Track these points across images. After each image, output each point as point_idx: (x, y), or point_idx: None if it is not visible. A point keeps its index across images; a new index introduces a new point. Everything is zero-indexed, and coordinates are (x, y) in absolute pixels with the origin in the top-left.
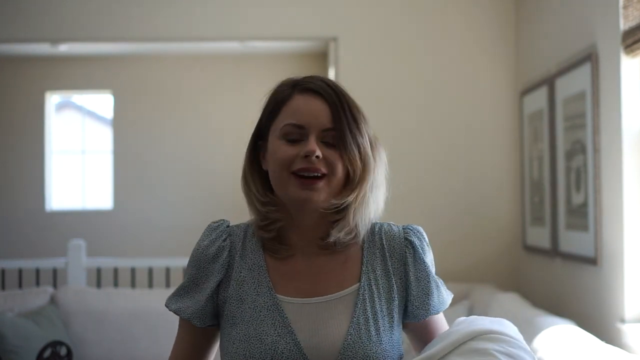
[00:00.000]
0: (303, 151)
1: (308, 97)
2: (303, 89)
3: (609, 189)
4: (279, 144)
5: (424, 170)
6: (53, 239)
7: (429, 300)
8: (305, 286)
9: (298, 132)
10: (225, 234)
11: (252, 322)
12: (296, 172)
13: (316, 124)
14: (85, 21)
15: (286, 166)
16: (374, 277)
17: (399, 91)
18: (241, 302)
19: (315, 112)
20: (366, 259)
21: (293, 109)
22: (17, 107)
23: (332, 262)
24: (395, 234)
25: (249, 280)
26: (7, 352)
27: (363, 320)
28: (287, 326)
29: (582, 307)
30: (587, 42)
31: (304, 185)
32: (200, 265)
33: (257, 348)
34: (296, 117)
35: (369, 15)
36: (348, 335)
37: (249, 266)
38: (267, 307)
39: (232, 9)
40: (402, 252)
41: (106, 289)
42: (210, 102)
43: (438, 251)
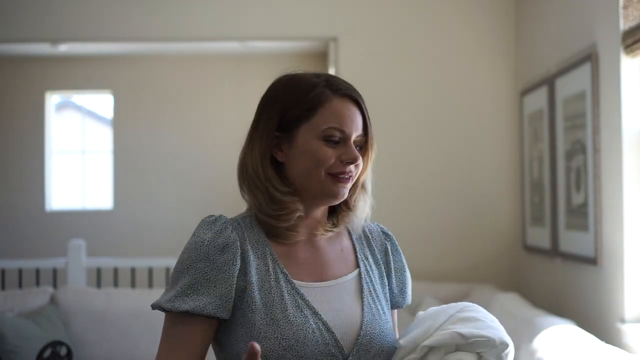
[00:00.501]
0: (346, 157)
1: (347, 103)
2: (342, 93)
3: (609, 189)
4: (319, 144)
5: (424, 170)
6: (53, 239)
7: (406, 289)
8: (314, 272)
9: (339, 136)
10: (229, 225)
11: (277, 306)
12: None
13: (355, 129)
14: (85, 21)
15: (324, 166)
16: (368, 264)
17: (399, 91)
18: (262, 289)
19: (354, 118)
20: (358, 248)
21: (334, 112)
22: (17, 107)
23: (331, 250)
24: (373, 229)
25: (262, 267)
26: (7, 352)
27: (372, 301)
28: (311, 308)
29: (582, 307)
30: (587, 42)
31: (339, 184)
32: (210, 258)
33: (288, 330)
34: (339, 122)
35: (369, 15)
36: (364, 313)
37: (258, 255)
38: (287, 291)
39: (232, 9)
40: (382, 243)
41: (106, 289)
42: (210, 102)
43: (438, 251)
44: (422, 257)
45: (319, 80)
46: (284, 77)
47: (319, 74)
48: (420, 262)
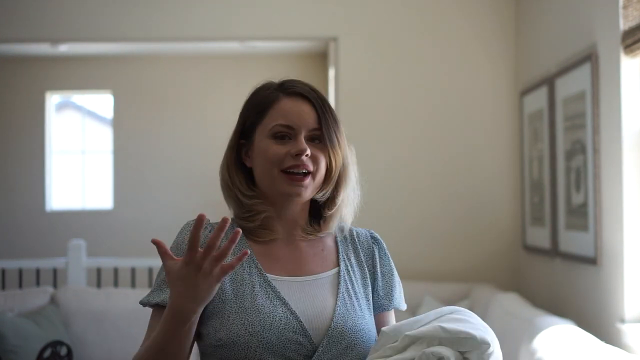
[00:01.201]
0: (294, 150)
1: (295, 99)
2: (290, 92)
3: (609, 189)
4: (269, 142)
5: (424, 170)
6: (53, 239)
7: (393, 292)
8: (290, 267)
9: (287, 132)
10: (208, 226)
11: (247, 297)
12: (285, 170)
13: (304, 124)
14: (85, 21)
15: (276, 164)
16: (350, 264)
17: (399, 91)
18: (233, 282)
19: (303, 113)
20: (341, 249)
21: (282, 110)
22: (17, 107)
23: (311, 249)
24: (361, 232)
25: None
26: (7, 352)
27: (347, 297)
28: (281, 298)
29: (582, 307)
30: (587, 42)
31: (293, 182)
32: None
33: (255, 317)
34: (285, 118)
35: (369, 15)
36: (337, 307)
37: (235, 252)
38: (259, 284)
39: (232, 9)
40: (370, 247)
41: (106, 289)
42: (210, 102)
43: (438, 251)
44: (422, 257)
45: (273, 85)
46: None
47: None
48: (420, 262)
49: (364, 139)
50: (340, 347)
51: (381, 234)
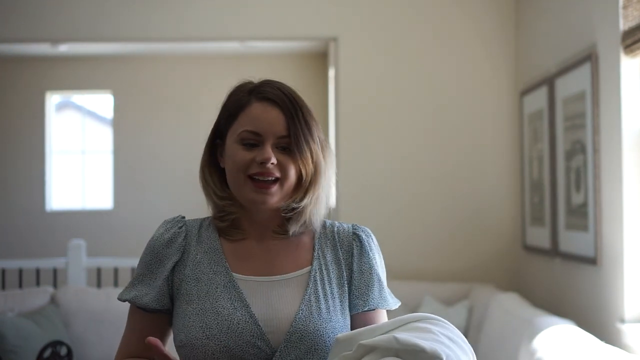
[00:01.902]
0: (259, 158)
1: (265, 105)
2: (261, 97)
3: (609, 189)
4: (237, 147)
5: (424, 170)
6: (53, 239)
7: (369, 292)
8: (260, 266)
9: (255, 139)
10: (180, 223)
11: (208, 297)
12: (251, 176)
13: (272, 131)
14: (85, 21)
15: (242, 170)
16: (325, 263)
17: (398, 91)
18: (197, 281)
19: (271, 120)
20: (317, 246)
21: (251, 116)
22: (17, 107)
23: (284, 247)
24: (344, 229)
25: (205, 261)
26: (7, 352)
27: (314, 299)
28: (242, 300)
29: (582, 307)
30: (587, 42)
31: (259, 189)
32: (155, 251)
33: (213, 320)
34: (253, 125)
35: (369, 15)
36: (300, 310)
37: (205, 249)
38: (223, 284)
39: (232, 9)
40: (350, 245)
41: (106, 289)
42: (211, 102)
43: (438, 251)
44: (422, 257)
45: (248, 87)
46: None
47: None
48: (420, 262)
49: (364, 139)
50: (299, 351)
51: (381, 233)
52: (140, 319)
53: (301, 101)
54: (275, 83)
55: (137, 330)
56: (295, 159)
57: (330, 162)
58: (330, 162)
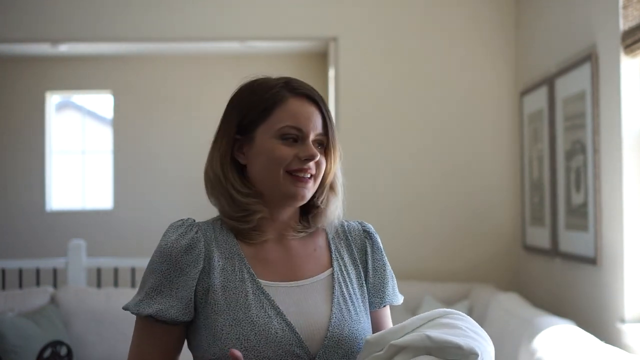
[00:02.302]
0: (304, 154)
1: (304, 102)
2: (298, 92)
3: (609, 189)
4: (275, 143)
5: (424, 170)
6: (53, 239)
7: (384, 289)
8: (283, 271)
9: (296, 134)
10: (194, 227)
11: (240, 307)
12: (290, 171)
13: (313, 128)
14: (85, 21)
15: (282, 165)
16: (344, 264)
17: (398, 91)
18: (225, 290)
19: (312, 116)
20: (334, 247)
21: (289, 111)
22: (17, 107)
23: (303, 249)
24: (354, 227)
25: (229, 268)
26: (7, 352)
27: (342, 301)
28: (275, 308)
29: (582, 307)
30: (587, 42)
31: (299, 183)
32: (172, 259)
33: (250, 330)
34: (295, 120)
35: (369, 15)
36: (332, 314)
37: (225, 255)
38: (252, 292)
39: (232, 9)
40: (362, 242)
41: (106, 289)
42: (210, 102)
43: (438, 251)
44: (422, 257)
45: (277, 82)
46: (245, 82)
47: (280, 77)
48: (420, 262)
49: (364, 139)
50: (337, 356)
51: (380, 233)
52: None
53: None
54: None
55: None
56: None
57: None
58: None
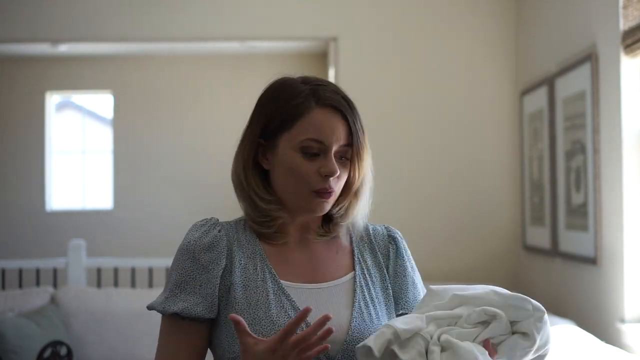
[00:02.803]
0: (325, 170)
1: (329, 113)
2: (323, 103)
3: (609, 189)
4: (297, 157)
5: (424, 170)
6: (53, 239)
7: (403, 296)
8: (305, 273)
9: (318, 147)
10: (217, 226)
11: (261, 306)
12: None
13: (335, 140)
14: (85, 21)
15: (306, 182)
16: (366, 267)
17: (398, 91)
18: (246, 289)
19: (335, 129)
20: (357, 251)
21: (313, 123)
22: (17, 107)
23: (326, 252)
24: (379, 231)
25: (250, 267)
26: (7, 352)
27: (364, 305)
28: (296, 309)
29: (582, 307)
30: (587, 42)
31: (320, 199)
32: (196, 256)
33: (270, 330)
34: (318, 133)
35: (369, 15)
36: (353, 318)
37: (247, 255)
38: (273, 291)
39: (232, 9)
40: (386, 247)
41: (106, 289)
42: (210, 102)
43: (438, 251)
44: (422, 257)
45: (304, 89)
46: (275, 81)
47: (308, 79)
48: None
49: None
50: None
51: None
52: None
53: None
54: (330, 85)
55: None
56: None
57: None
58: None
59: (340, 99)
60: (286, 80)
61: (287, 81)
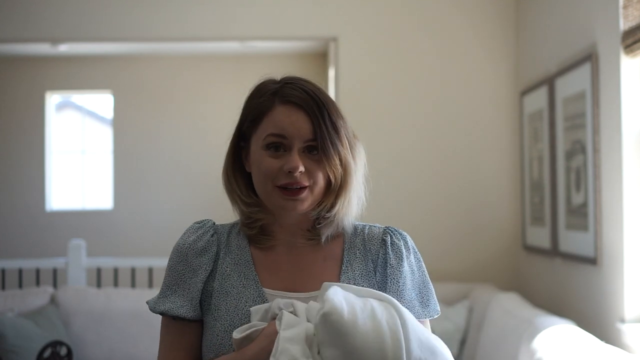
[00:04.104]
0: (287, 166)
1: (290, 109)
2: (285, 100)
3: (609, 189)
4: (262, 154)
5: (424, 170)
6: (53, 239)
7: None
8: (288, 280)
9: (280, 142)
10: (211, 230)
11: (237, 313)
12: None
13: (298, 135)
14: (85, 21)
15: (270, 178)
16: (353, 277)
17: (398, 91)
18: (226, 295)
19: (296, 124)
20: (346, 259)
21: (275, 120)
22: (17, 107)
23: (313, 258)
24: (374, 234)
25: (234, 274)
26: (7, 352)
27: None
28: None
29: (582, 307)
30: (587, 42)
31: (288, 197)
32: (188, 259)
33: None
34: (278, 128)
35: (369, 15)
36: None
37: (234, 261)
38: (252, 299)
39: (232, 9)
40: (376, 252)
41: (106, 289)
42: (210, 102)
43: (438, 251)
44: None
45: (271, 87)
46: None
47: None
48: None
49: (363, 139)
50: None
51: None
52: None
53: (327, 100)
54: (299, 82)
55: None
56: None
57: (360, 160)
58: (360, 160)
59: (305, 95)
60: (261, 82)
61: (262, 82)
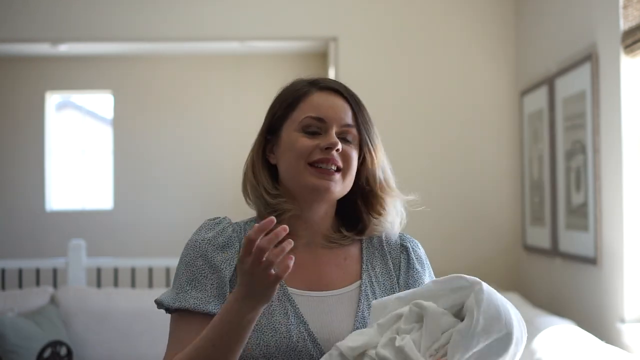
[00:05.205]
0: (324, 143)
1: (328, 94)
2: (322, 86)
3: (609, 189)
4: (297, 135)
5: (424, 170)
6: (53, 239)
7: None
8: (311, 279)
9: (318, 126)
10: (230, 227)
11: (264, 312)
12: (313, 163)
13: (337, 118)
14: (85, 21)
15: (304, 157)
16: (374, 275)
17: (398, 91)
18: None
19: (336, 107)
20: (366, 258)
21: (313, 104)
22: (17, 107)
23: (333, 258)
24: (392, 240)
25: None
26: (7, 352)
27: (367, 315)
28: (299, 316)
29: (582, 307)
30: (587, 42)
31: (321, 175)
32: (208, 255)
33: (271, 337)
34: (317, 111)
35: (369, 15)
36: (355, 328)
37: None
38: (277, 297)
39: (232, 9)
40: (398, 256)
41: (106, 289)
42: (210, 102)
43: (438, 251)
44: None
45: (306, 80)
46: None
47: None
48: None
49: None
50: None
51: None
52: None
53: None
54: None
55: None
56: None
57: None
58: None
59: (341, 84)
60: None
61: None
